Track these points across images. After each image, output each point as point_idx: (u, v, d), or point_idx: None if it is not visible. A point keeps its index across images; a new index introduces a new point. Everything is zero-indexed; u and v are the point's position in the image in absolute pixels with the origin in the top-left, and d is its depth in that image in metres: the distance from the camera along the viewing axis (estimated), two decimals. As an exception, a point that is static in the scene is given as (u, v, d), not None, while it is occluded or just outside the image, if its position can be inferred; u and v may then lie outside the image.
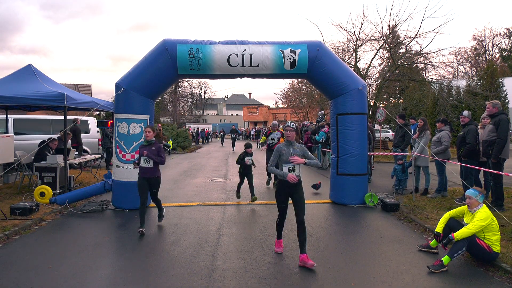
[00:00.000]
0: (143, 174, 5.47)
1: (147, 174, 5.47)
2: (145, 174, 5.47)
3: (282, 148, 4.31)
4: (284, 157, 4.24)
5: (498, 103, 6.50)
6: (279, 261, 4.36)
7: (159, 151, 5.44)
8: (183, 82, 42.34)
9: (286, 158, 4.23)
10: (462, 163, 6.89)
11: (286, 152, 4.28)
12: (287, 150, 4.30)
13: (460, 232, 4.09)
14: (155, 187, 5.64)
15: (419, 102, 26.90)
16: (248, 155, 7.57)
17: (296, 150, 4.33)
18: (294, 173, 4.24)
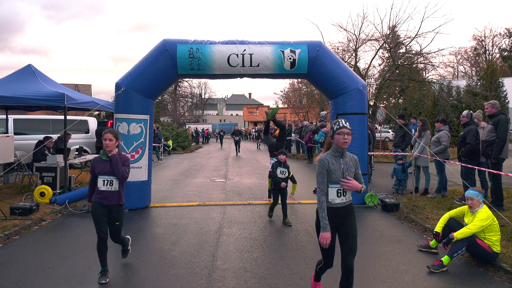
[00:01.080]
0: (102, 200, 3.83)
1: (108, 200, 3.84)
2: (104, 200, 3.84)
3: (329, 162, 3.04)
4: (333, 175, 3.03)
5: (496, 103, 6.51)
6: (279, 261, 4.36)
7: (124, 163, 3.89)
8: (183, 82, 42.36)
9: (337, 177, 3.03)
10: (462, 163, 6.89)
11: (335, 167, 3.05)
12: (337, 164, 3.07)
13: (460, 232, 4.09)
14: (119, 218, 3.94)
15: (419, 102, 26.89)
16: (281, 166, 6.07)
17: (348, 165, 3.12)
18: (345, 198, 3.16)
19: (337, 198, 3.09)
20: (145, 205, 7.10)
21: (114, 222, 3.92)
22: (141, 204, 6.99)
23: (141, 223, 6.06)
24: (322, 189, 3.05)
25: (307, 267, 4.16)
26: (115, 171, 3.78)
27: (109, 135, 3.85)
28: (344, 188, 3.05)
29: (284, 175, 6.06)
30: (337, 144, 3.11)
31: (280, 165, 6.09)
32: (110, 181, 3.84)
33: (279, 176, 5.98)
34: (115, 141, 3.87)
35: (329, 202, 3.07)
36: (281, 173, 6.05)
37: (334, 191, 3.07)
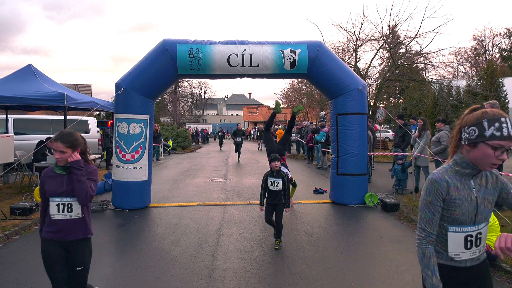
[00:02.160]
0: (57, 234, 2.64)
1: (66, 233, 2.64)
2: (60, 234, 2.63)
3: (450, 185, 1.77)
4: (457, 208, 1.75)
5: (496, 103, 6.51)
6: (279, 261, 4.36)
7: (90, 175, 2.70)
8: (183, 82, 42.38)
9: (466, 213, 1.76)
10: None
11: (462, 195, 1.78)
12: (465, 189, 1.79)
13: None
14: (83, 261, 2.72)
15: (419, 102, 26.88)
16: (272, 176, 4.82)
17: (486, 190, 1.82)
18: (478, 250, 1.79)
19: (465, 250, 1.76)
20: (145, 205, 7.10)
21: (76, 266, 2.66)
22: (141, 204, 7.00)
23: (141, 223, 6.06)
24: (428, 233, 1.77)
25: (307, 267, 4.16)
26: (76, 188, 2.57)
27: (59, 145, 2.58)
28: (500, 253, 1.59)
29: (277, 187, 4.75)
30: (477, 160, 1.72)
31: (272, 175, 4.83)
32: (69, 205, 2.62)
33: (271, 189, 4.79)
34: (70, 153, 2.61)
35: (447, 257, 1.79)
36: (273, 185, 4.76)
37: (458, 239, 1.76)
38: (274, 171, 4.83)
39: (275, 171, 4.83)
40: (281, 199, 4.81)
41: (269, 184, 4.82)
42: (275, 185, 4.76)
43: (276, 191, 4.79)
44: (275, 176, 4.81)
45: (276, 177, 4.80)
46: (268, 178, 4.85)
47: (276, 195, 4.81)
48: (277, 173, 4.82)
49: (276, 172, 4.83)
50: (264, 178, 4.87)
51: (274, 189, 4.77)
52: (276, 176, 4.81)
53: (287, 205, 4.83)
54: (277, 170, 4.83)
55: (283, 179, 4.80)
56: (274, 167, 4.82)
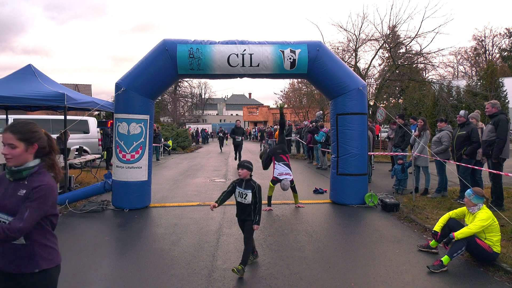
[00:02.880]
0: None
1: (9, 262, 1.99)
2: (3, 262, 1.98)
3: None
4: None
5: (497, 103, 6.51)
6: (279, 261, 4.36)
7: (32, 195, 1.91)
8: (183, 82, 42.37)
9: None
10: (463, 162, 6.88)
11: None
12: None
13: (461, 232, 4.09)
14: None
15: (419, 102, 26.91)
16: (241, 186, 4.14)
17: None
18: None
19: None
20: (145, 205, 7.10)
21: None
22: (141, 204, 7.00)
23: (141, 223, 6.06)
24: None
25: (307, 267, 4.16)
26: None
27: (8, 135, 1.95)
28: None
29: (245, 199, 4.02)
30: None
31: (240, 184, 4.10)
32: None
33: (238, 200, 4.11)
34: (23, 149, 1.96)
35: None
36: (240, 196, 4.05)
37: None
38: (243, 180, 4.10)
39: (245, 180, 4.09)
40: (250, 214, 4.04)
41: (236, 194, 4.12)
42: (242, 197, 4.05)
43: (243, 203, 4.06)
44: (243, 187, 4.05)
45: (244, 188, 4.03)
46: (236, 187, 4.13)
47: (243, 208, 4.08)
48: (246, 183, 4.06)
49: (246, 181, 4.07)
50: (232, 185, 4.18)
51: (241, 202, 4.08)
52: (245, 186, 4.04)
53: (256, 221, 4.02)
54: (247, 179, 4.09)
55: (253, 190, 4.00)
56: (240, 176, 4.10)
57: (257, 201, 4.03)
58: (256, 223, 4.04)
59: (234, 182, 4.18)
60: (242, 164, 4.14)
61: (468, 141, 6.85)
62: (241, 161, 4.19)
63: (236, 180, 4.20)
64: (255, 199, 4.02)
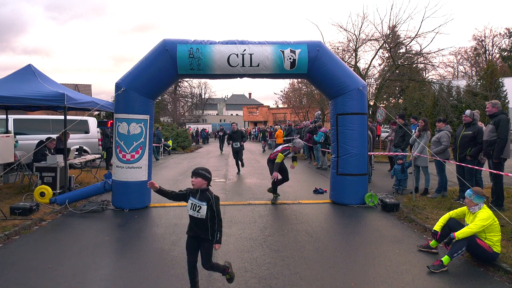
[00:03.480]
0: None
1: None
2: None
3: None
4: None
5: (497, 103, 6.50)
6: (279, 261, 4.36)
7: None
8: (183, 82, 42.36)
9: None
10: (466, 163, 6.82)
11: None
12: None
13: (461, 232, 4.09)
14: None
15: (419, 102, 26.89)
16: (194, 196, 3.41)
17: None
18: None
19: None
20: (145, 205, 7.10)
21: None
22: (141, 204, 6.99)
23: (141, 223, 6.06)
24: None
25: (307, 267, 4.16)
26: None
27: None
28: None
29: (198, 212, 3.31)
30: None
31: (194, 195, 3.39)
32: None
33: (190, 214, 3.39)
34: None
35: None
36: (193, 208, 3.35)
37: None
38: (198, 190, 3.39)
39: (200, 190, 3.37)
40: (206, 231, 3.33)
41: (188, 206, 3.40)
42: (195, 209, 3.32)
43: (196, 218, 3.34)
44: (198, 198, 3.34)
45: (199, 199, 3.33)
46: (189, 197, 3.42)
47: (197, 224, 3.34)
48: (201, 194, 3.35)
49: (201, 192, 3.36)
50: (186, 192, 3.48)
51: (193, 215, 3.35)
52: (200, 197, 3.33)
53: (217, 239, 3.33)
54: (202, 189, 3.37)
55: (208, 203, 3.30)
56: (194, 186, 3.40)
57: (214, 215, 3.33)
58: (217, 241, 3.33)
59: (189, 190, 3.48)
60: (197, 171, 3.39)
61: (474, 141, 6.78)
62: (196, 168, 3.45)
63: (191, 188, 3.48)
64: (211, 213, 3.31)
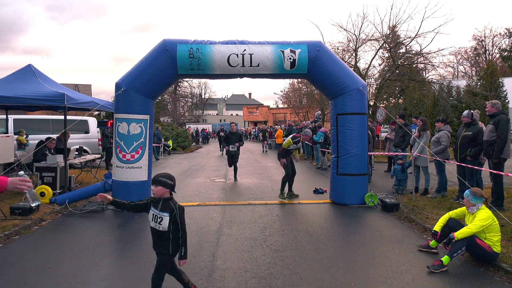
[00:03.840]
0: None
1: None
2: None
3: None
4: None
5: (497, 103, 6.50)
6: (279, 261, 4.36)
7: None
8: (183, 82, 42.35)
9: None
10: (466, 163, 6.82)
11: None
12: None
13: (461, 232, 4.09)
14: None
15: (419, 102, 26.88)
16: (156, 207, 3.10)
17: None
18: None
19: None
20: (145, 205, 7.09)
21: None
22: (141, 204, 6.99)
23: (141, 223, 6.06)
24: None
25: (307, 267, 4.16)
26: None
27: None
28: None
29: (160, 224, 3.01)
30: None
31: (155, 205, 3.08)
32: None
33: (152, 226, 3.08)
34: None
35: None
36: (155, 220, 3.03)
37: None
38: (160, 199, 3.07)
39: (162, 200, 3.07)
40: (167, 246, 3.03)
41: (149, 217, 3.07)
42: (156, 221, 3.01)
43: (158, 230, 3.03)
44: (159, 208, 3.03)
45: (160, 210, 3.02)
46: (150, 207, 3.09)
47: (159, 237, 3.05)
48: (164, 204, 3.04)
49: (163, 201, 3.06)
50: (147, 202, 3.13)
51: (154, 227, 3.04)
52: (162, 208, 3.02)
53: (182, 254, 3.04)
54: (165, 199, 3.07)
55: (171, 214, 3.01)
56: (154, 195, 3.07)
57: (178, 227, 3.04)
58: (182, 257, 3.03)
59: (150, 199, 3.15)
60: (157, 179, 3.03)
61: (474, 142, 6.77)
62: (156, 175, 3.09)
63: (152, 198, 3.15)
64: (174, 225, 3.02)
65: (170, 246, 3.04)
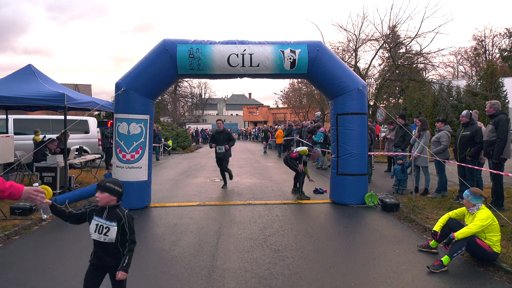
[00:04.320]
0: None
1: None
2: None
3: None
4: None
5: (496, 103, 6.49)
6: (279, 261, 4.36)
7: None
8: (183, 82, 42.37)
9: None
10: (466, 163, 6.82)
11: None
12: None
13: (461, 232, 4.09)
14: None
15: (419, 102, 26.88)
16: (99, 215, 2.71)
17: None
18: None
19: None
20: (145, 205, 7.10)
21: None
22: (141, 204, 7.00)
23: (141, 223, 6.06)
24: None
25: (307, 267, 4.16)
26: None
27: None
28: None
29: (106, 236, 2.65)
30: None
31: (99, 213, 2.70)
32: None
33: (94, 238, 2.69)
34: None
35: None
36: (99, 231, 2.66)
37: None
38: (104, 207, 2.70)
39: (107, 208, 2.70)
40: (117, 258, 2.71)
41: (91, 228, 2.68)
42: (101, 232, 2.64)
43: (103, 243, 2.66)
44: (105, 217, 2.66)
45: (107, 219, 2.66)
46: (92, 216, 2.69)
47: (105, 249, 2.69)
48: (110, 212, 2.69)
49: (109, 209, 2.70)
50: (86, 210, 2.75)
51: (99, 239, 2.66)
52: (108, 216, 2.66)
53: (123, 266, 2.70)
54: (111, 206, 2.71)
55: (120, 222, 2.67)
56: (99, 202, 2.69)
57: (127, 238, 2.70)
58: (122, 268, 2.66)
59: (90, 207, 2.76)
60: (103, 185, 2.67)
61: (472, 141, 6.78)
62: (102, 181, 2.73)
63: (94, 205, 2.77)
64: (122, 236, 2.69)
65: (119, 258, 2.71)
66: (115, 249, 2.71)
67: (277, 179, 10.91)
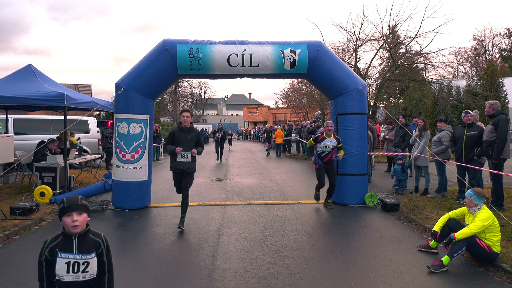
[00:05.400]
0: None
1: None
2: None
3: None
4: None
5: (495, 103, 6.49)
6: (279, 261, 4.36)
7: None
8: (183, 82, 42.38)
9: None
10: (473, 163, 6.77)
11: None
12: None
13: (461, 232, 4.09)
14: None
15: (419, 102, 26.87)
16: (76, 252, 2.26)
17: None
18: None
19: None
20: (145, 205, 7.10)
21: None
22: (141, 204, 6.99)
23: (141, 223, 6.06)
24: None
25: (307, 267, 4.16)
26: None
27: None
28: None
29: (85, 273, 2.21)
30: None
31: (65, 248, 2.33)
32: None
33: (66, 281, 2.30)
34: None
35: None
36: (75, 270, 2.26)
37: None
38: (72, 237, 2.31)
39: (75, 237, 2.31)
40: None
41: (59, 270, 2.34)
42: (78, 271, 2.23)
43: (85, 282, 2.20)
44: (76, 250, 2.26)
45: (79, 252, 2.23)
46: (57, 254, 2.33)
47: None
48: (82, 241, 2.27)
49: (80, 238, 2.29)
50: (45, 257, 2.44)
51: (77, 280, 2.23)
52: (82, 247, 2.24)
53: None
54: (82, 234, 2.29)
55: (98, 250, 2.25)
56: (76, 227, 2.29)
57: (105, 269, 2.24)
58: None
59: (45, 245, 2.37)
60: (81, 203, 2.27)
61: (480, 140, 6.70)
62: (73, 199, 2.34)
63: (49, 241, 2.37)
64: (100, 266, 2.22)
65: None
66: (98, 284, 2.18)
67: (277, 179, 10.91)
